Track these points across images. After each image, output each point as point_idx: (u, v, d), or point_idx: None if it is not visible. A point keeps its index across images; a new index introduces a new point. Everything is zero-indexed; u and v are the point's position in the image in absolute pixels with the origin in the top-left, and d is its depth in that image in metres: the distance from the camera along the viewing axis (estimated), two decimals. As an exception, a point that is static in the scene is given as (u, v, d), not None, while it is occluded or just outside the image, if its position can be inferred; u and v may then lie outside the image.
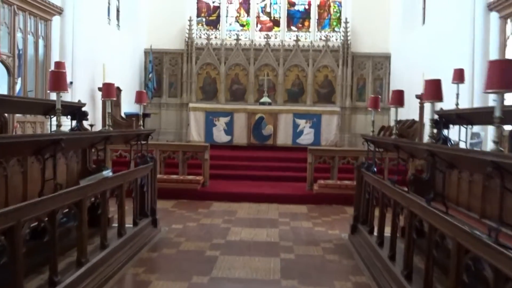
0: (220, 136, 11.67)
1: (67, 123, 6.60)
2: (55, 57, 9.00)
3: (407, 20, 12.54)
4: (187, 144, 8.23)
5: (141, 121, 5.58)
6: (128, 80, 12.79)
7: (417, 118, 10.96)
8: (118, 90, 11.56)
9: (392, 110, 13.25)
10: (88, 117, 9.69)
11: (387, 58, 13.78)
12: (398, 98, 8.30)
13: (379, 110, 6.31)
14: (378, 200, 4.64)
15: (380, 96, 7.13)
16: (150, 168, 5.36)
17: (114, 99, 6.65)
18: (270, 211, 7.18)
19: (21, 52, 8.09)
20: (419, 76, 11.05)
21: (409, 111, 11.79)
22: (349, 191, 7.80)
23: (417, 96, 9.88)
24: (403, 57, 12.64)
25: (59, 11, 9.01)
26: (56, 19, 9.03)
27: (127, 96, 12.68)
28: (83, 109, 5.46)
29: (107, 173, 3.84)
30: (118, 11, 12.90)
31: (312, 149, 8.22)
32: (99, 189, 3.76)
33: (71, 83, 9.35)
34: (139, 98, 5.53)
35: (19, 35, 8.00)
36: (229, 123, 11.65)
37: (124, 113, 12.19)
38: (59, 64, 6.34)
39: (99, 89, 10.15)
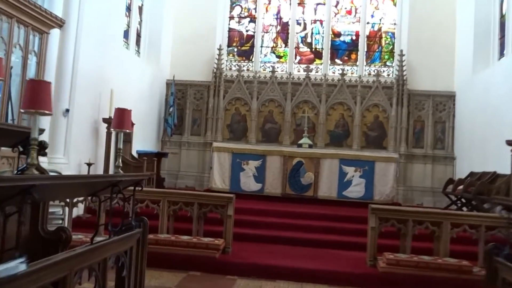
0: (248, 183, 9.56)
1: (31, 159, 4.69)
2: (50, 78, 7.26)
3: (479, 52, 10.42)
4: (205, 194, 6.16)
5: (119, 161, 3.52)
6: (145, 113, 11.02)
7: (500, 170, 8.60)
8: (131, 124, 9.74)
9: (459, 159, 10.86)
10: (90, 154, 7.73)
11: (450, 97, 11.56)
12: None
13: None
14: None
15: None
16: (136, 238, 3.27)
17: (129, 131, 4.72)
18: (318, 300, 4.90)
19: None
20: (500, 119, 8.80)
21: (486, 160, 9.45)
22: (430, 272, 5.47)
23: (509, 142, 7.57)
24: (474, 96, 10.40)
25: (60, 23, 7.34)
26: (55, 32, 7.36)
27: (142, 132, 10.87)
28: (43, 137, 3.49)
29: (14, 266, 1.77)
30: (139, 36, 11.34)
31: (377, 209, 5.95)
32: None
33: (67, 110, 7.56)
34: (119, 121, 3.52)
35: (1, 47, 6.29)
36: (261, 168, 9.56)
37: (137, 152, 10.32)
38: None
39: (104, 120, 8.34)
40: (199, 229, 6.32)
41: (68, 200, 5.97)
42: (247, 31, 12.82)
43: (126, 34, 10.57)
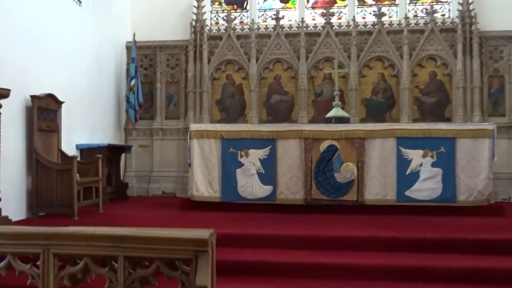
0: (250, 186, 5.93)
1: None
2: None
3: None
4: (140, 236, 2.50)
5: None
6: (93, 89, 7.38)
7: None
8: (56, 103, 6.11)
9: None
10: None
11: (541, 38, 7.84)
12: None
13: None
14: None
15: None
16: None
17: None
18: None
19: None
20: None
21: None
22: None
23: None
24: None
25: None
26: None
27: (89, 118, 7.25)
28: None
29: None
30: (78, -23, 7.67)
31: None
32: None
33: None
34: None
35: None
36: (269, 160, 5.92)
37: (77, 147, 6.73)
38: None
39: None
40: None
41: None
42: (237, -32, 9.10)
43: (51, -31, 6.90)
